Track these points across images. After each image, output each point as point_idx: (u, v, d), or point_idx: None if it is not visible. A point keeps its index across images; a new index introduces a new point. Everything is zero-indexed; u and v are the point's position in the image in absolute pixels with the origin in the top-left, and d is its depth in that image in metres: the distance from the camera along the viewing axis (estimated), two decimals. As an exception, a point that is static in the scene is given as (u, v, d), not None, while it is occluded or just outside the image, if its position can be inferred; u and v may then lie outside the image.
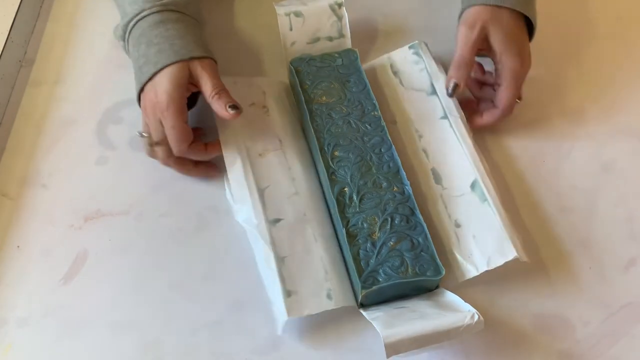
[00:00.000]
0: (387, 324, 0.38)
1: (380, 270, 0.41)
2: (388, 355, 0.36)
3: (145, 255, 0.45)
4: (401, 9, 0.58)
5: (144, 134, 0.46)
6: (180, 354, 0.41)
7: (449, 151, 0.47)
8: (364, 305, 0.42)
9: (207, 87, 0.45)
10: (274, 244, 0.42)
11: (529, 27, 0.49)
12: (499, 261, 0.41)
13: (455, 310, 0.39)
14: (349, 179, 0.44)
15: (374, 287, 0.40)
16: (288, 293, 0.40)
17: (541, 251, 0.45)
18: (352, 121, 0.47)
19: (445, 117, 0.48)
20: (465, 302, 0.40)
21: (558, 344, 0.41)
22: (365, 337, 0.41)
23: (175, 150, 0.45)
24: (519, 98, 0.48)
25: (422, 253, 0.42)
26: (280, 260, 0.42)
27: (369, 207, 0.43)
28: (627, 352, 0.41)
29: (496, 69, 0.48)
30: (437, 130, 0.48)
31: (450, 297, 0.41)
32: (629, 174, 0.49)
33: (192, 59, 0.45)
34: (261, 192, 0.44)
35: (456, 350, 0.41)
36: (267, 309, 0.42)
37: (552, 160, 0.49)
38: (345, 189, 0.44)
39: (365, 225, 0.42)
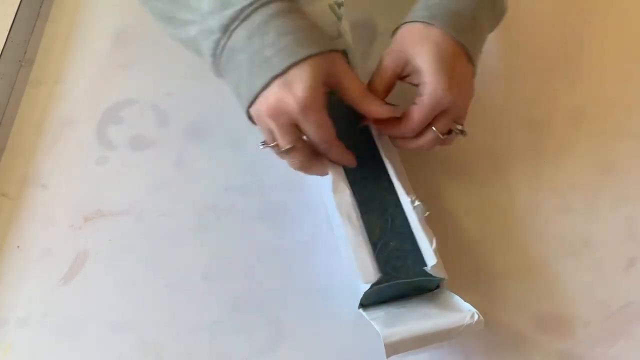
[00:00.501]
0: (387, 323, 0.38)
1: (382, 271, 0.40)
2: (388, 355, 0.36)
3: (145, 255, 0.45)
4: (401, 9, 0.58)
5: (269, 144, 0.41)
6: (179, 354, 0.41)
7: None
8: (364, 305, 0.42)
9: (353, 84, 0.40)
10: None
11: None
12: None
13: (456, 310, 0.39)
14: (350, 181, 0.43)
15: (374, 288, 0.40)
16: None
17: (541, 251, 0.45)
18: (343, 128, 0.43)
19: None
20: (466, 302, 0.40)
21: (558, 344, 0.41)
22: (365, 337, 0.41)
23: (325, 150, 0.41)
24: (462, 132, 0.42)
25: (420, 254, 0.41)
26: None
27: (369, 209, 0.43)
28: (627, 352, 0.41)
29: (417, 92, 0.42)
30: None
31: (451, 297, 0.41)
32: (629, 174, 0.49)
33: (331, 51, 0.39)
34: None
35: (456, 350, 0.41)
36: (267, 309, 0.42)
37: (552, 159, 0.49)
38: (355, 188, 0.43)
39: (366, 226, 0.42)
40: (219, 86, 0.53)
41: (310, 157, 0.41)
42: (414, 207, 0.42)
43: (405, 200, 0.42)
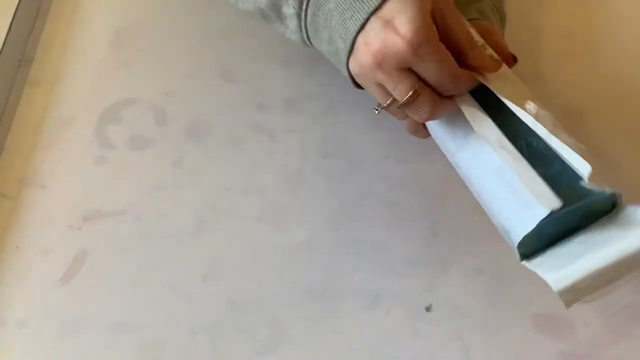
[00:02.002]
0: (554, 266, 0.30)
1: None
2: (568, 305, 0.29)
3: (145, 255, 0.45)
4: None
5: (384, 104, 0.34)
6: (179, 354, 0.41)
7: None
8: (526, 256, 0.34)
9: (460, 24, 0.33)
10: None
11: None
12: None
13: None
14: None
15: (535, 225, 0.31)
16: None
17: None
18: None
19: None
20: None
21: (558, 344, 0.41)
22: (366, 337, 0.41)
23: (452, 88, 0.33)
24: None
25: (576, 173, 0.32)
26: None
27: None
28: (628, 352, 0.41)
29: None
30: None
31: (634, 211, 0.31)
32: (630, 174, 0.49)
33: None
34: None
35: (456, 350, 0.41)
36: (267, 309, 0.42)
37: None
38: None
39: None
40: (219, 86, 0.53)
41: (436, 99, 0.34)
42: (539, 117, 0.33)
43: (526, 114, 0.33)
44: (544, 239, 0.33)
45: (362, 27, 0.31)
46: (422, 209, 0.47)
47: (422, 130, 0.38)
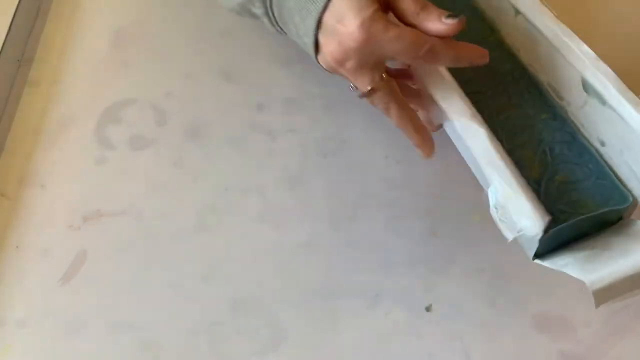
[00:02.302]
0: (586, 269, 0.31)
1: (554, 210, 0.34)
2: (597, 305, 0.31)
3: (145, 255, 0.45)
4: None
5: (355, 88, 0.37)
6: (179, 354, 0.41)
7: (543, 54, 0.37)
8: (538, 255, 0.35)
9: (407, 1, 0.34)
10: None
11: None
12: None
13: None
14: (486, 116, 0.37)
15: (551, 231, 0.33)
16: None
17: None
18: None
19: (518, 12, 0.39)
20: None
21: (559, 344, 0.41)
22: (366, 337, 0.41)
23: (425, 56, 0.34)
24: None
25: (598, 181, 0.35)
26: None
27: (520, 142, 0.37)
28: (629, 352, 0.41)
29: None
30: (521, 33, 0.39)
31: None
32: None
33: None
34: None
35: (456, 350, 0.41)
36: (267, 309, 0.42)
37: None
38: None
39: (521, 163, 0.35)
40: (219, 86, 0.53)
41: (396, 96, 0.35)
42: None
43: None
44: (561, 239, 0.35)
45: (318, 25, 0.33)
46: (422, 209, 0.47)
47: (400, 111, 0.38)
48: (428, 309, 0.43)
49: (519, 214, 0.33)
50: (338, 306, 0.43)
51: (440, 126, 0.39)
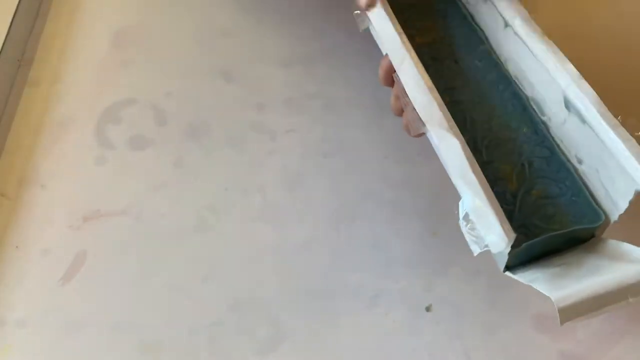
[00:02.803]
0: (554, 284, 0.32)
1: (528, 224, 0.35)
2: (562, 322, 0.31)
3: (145, 255, 0.45)
4: None
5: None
6: (179, 354, 0.41)
7: (528, 67, 0.38)
8: (509, 267, 0.35)
9: None
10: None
11: None
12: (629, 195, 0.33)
13: (631, 261, 0.32)
14: (468, 126, 0.38)
15: (523, 245, 0.33)
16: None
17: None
18: (459, 60, 0.41)
19: (507, 25, 0.40)
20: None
21: (559, 344, 0.41)
22: (366, 337, 0.41)
23: None
24: None
25: (572, 198, 0.35)
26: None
27: (500, 154, 0.37)
28: (628, 352, 0.41)
29: None
30: (508, 45, 0.40)
31: (617, 245, 0.34)
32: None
33: None
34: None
35: (456, 350, 0.41)
36: (267, 309, 0.42)
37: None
38: (467, 137, 0.36)
39: (499, 175, 0.36)
40: (219, 86, 0.53)
41: None
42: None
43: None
44: (532, 253, 0.35)
45: None
46: (422, 209, 0.47)
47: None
48: (428, 309, 0.43)
49: (486, 229, 0.33)
50: (338, 306, 0.43)
51: (422, 134, 0.39)
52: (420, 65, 0.37)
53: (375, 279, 0.44)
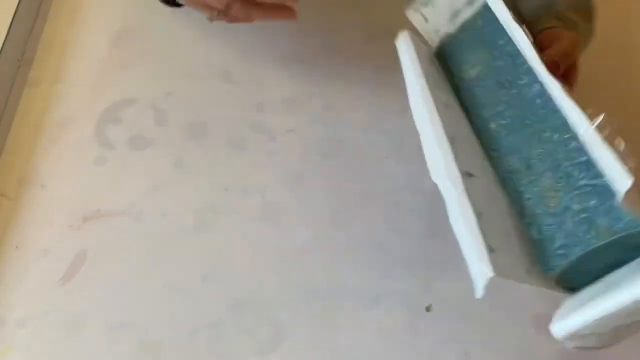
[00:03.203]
0: (571, 307, 0.30)
1: (568, 243, 0.33)
2: (577, 349, 0.30)
3: (145, 255, 0.45)
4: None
5: (214, 16, 0.42)
6: (179, 354, 0.41)
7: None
8: (573, 288, 0.33)
9: None
10: (469, 196, 0.35)
11: None
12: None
13: None
14: (512, 145, 0.37)
15: (557, 270, 0.32)
16: (491, 249, 0.33)
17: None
18: (504, 80, 0.40)
19: None
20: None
21: (559, 344, 0.41)
22: (366, 337, 0.41)
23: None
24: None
25: (612, 203, 0.32)
26: (478, 214, 0.34)
27: (540, 170, 0.36)
28: (628, 352, 0.41)
29: None
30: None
31: None
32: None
33: None
34: (452, 141, 0.37)
35: (456, 350, 0.41)
36: (267, 309, 0.42)
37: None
38: (510, 161, 0.36)
39: (541, 193, 0.35)
40: (219, 86, 0.53)
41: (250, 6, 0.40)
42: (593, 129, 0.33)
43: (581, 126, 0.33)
44: (588, 272, 0.33)
45: None
46: (422, 209, 0.47)
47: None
48: (428, 309, 0.43)
49: (470, 260, 0.33)
50: (338, 306, 0.43)
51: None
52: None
53: (375, 279, 0.44)
